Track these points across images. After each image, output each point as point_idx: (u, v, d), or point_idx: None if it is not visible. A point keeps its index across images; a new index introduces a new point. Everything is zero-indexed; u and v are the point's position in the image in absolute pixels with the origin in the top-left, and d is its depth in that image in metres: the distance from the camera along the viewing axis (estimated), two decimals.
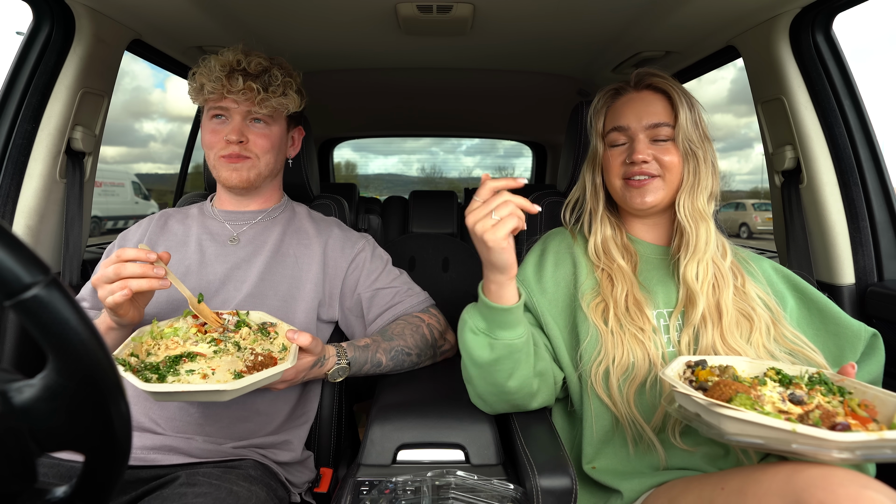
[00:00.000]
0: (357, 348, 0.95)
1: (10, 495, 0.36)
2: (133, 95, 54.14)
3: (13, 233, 0.33)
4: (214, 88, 0.94)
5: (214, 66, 0.95)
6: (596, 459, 0.83)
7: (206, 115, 1.01)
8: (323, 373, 0.91)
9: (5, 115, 1.09)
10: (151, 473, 0.80)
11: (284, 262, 1.01)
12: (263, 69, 0.97)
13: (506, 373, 0.77)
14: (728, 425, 0.57)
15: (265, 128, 1.01)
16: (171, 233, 1.03)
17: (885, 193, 1.16)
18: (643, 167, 0.86)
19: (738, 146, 57.83)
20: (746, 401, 0.59)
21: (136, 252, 0.76)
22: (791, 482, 0.56)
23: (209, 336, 0.81)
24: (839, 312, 0.87)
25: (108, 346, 0.36)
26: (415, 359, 1.02)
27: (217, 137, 0.99)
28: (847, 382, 0.67)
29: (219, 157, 0.99)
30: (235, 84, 0.94)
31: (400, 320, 1.04)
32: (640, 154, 0.85)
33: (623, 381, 0.80)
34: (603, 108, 0.94)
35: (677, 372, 0.71)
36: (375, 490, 0.71)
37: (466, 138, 6.65)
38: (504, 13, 1.25)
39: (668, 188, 0.87)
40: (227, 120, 0.99)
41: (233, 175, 0.99)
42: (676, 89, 0.87)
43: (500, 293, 0.74)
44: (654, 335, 0.83)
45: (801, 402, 0.62)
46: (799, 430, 0.52)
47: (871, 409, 0.61)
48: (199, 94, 0.97)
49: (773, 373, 0.70)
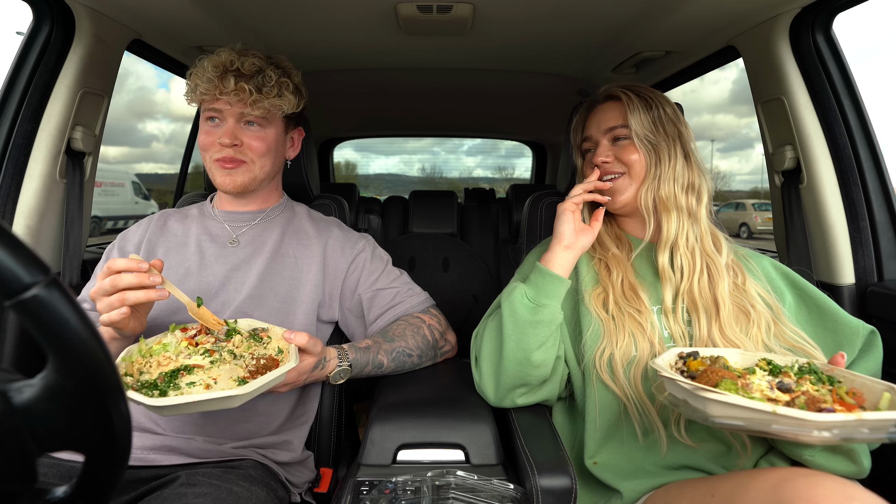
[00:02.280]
0: (358, 350, 0.94)
1: (10, 495, 0.36)
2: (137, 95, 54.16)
3: (13, 233, 0.33)
4: (207, 90, 0.93)
5: (207, 66, 0.93)
6: (598, 454, 0.84)
7: (201, 116, 1.00)
8: (324, 375, 0.90)
9: (5, 115, 1.09)
10: (151, 473, 0.80)
11: (284, 262, 1.01)
12: (258, 69, 0.95)
13: (538, 340, 0.84)
14: (712, 408, 0.59)
15: (260, 130, 0.99)
16: (171, 233, 1.03)
17: (885, 193, 1.16)
18: (605, 167, 0.94)
19: (739, 146, 57.82)
20: (731, 385, 0.62)
21: (126, 262, 0.74)
22: (777, 492, 0.57)
23: (202, 348, 0.79)
24: (837, 309, 0.88)
25: (108, 347, 0.36)
26: (416, 360, 1.02)
27: (211, 139, 0.97)
28: (836, 372, 0.68)
29: (213, 160, 0.98)
30: (227, 85, 0.92)
31: (401, 321, 1.04)
32: (599, 157, 0.94)
33: (628, 366, 0.82)
34: (578, 125, 1.04)
35: (668, 362, 0.74)
36: (375, 490, 0.71)
37: (467, 138, 6.66)
38: (504, 13, 1.25)
39: (635, 183, 0.92)
40: (221, 122, 0.97)
41: (227, 180, 0.98)
42: (630, 94, 0.94)
43: (563, 265, 0.87)
44: (650, 317, 0.85)
45: (789, 390, 0.63)
46: (779, 412, 0.54)
47: (858, 397, 0.62)
48: (194, 95, 0.96)
49: (763, 363, 0.72)
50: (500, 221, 2.13)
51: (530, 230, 1.27)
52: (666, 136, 0.91)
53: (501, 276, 1.93)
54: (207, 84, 0.93)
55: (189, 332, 0.82)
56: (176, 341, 0.80)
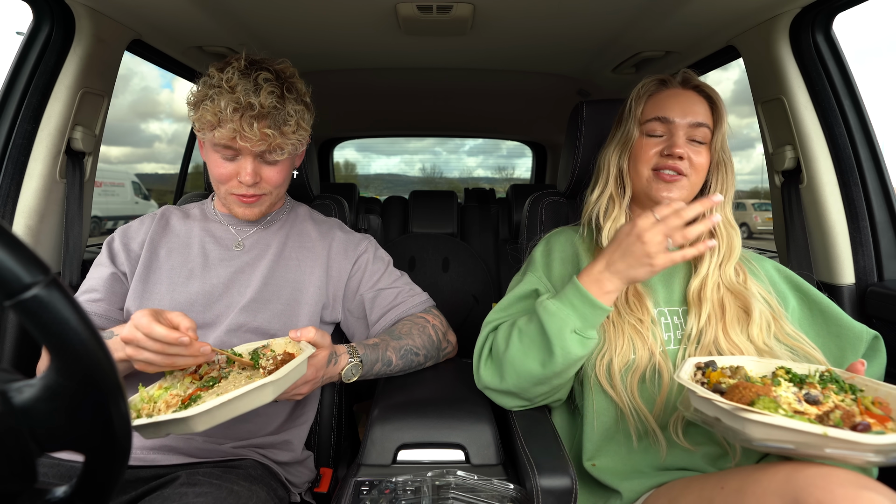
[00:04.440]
0: (367, 347, 0.94)
1: (10, 495, 0.36)
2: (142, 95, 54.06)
3: (13, 233, 0.33)
4: (224, 135, 0.87)
5: (225, 108, 0.85)
6: (596, 457, 0.83)
7: (209, 145, 0.93)
8: (337, 371, 0.89)
9: (5, 115, 1.09)
10: (151, 473, 0.80)
11: (287, 266, 1.01)
12: (274, 106, 0.87)
13: (577, 367, 0.81)
14: (754, 430, 0.56)
15: (277, 163, 0.95)
16: (174, 233, 1.02)
17: (885, 193, 1.16)
18: (677, 163, 0.86)
19: (740, 146, 57.89)
20: (770, 404, 0.58)
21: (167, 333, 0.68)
22: (790, 482, 0.56)
23: (208, 378, 0.74)
24: (841, 314, 0.87)
25: (108, 346, 0.36)
26: (422, 359, 1.02)
27: (226, 173, 0.93)
28: (857, 380, 0.67)
29: (230, 194, 0.95)
30: (249, 130, 0.86)
31: (406, 320, 1.04)
32: (678, 148, 0.85)
33: (626, 373, 0.81)
34: (645, 94, 0.93)
35: (689, 374, 0.70)
36: (375, 490, 0.71)
37: (468, 138, 6.66)
38: (504, 13, 1.25)
39: (691, 189, 0.88)
40: (237, 156, 0.92)
41: (247, 212, 0.97)
42: (721, 99, 0.89)
43: (611, 297, 0.77)
44: (652, 326, 0.83)
45: (817, 402, 0.61)
46: (831, 434, 0.51)
47: (885, 407, 0.60)
48: (206, 127, 0.89)
49: (782, 372, 0.69)
50: (500, 221, 2.13)
51: (530, 230, 1.26)
52: (728, 153, 0.90)
53: (501, 276, 1.93)
54: (226, 130, 0.86)
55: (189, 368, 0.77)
56: (178, 381, 0.76)
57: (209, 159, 0.95)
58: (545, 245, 0.99)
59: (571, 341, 0.76)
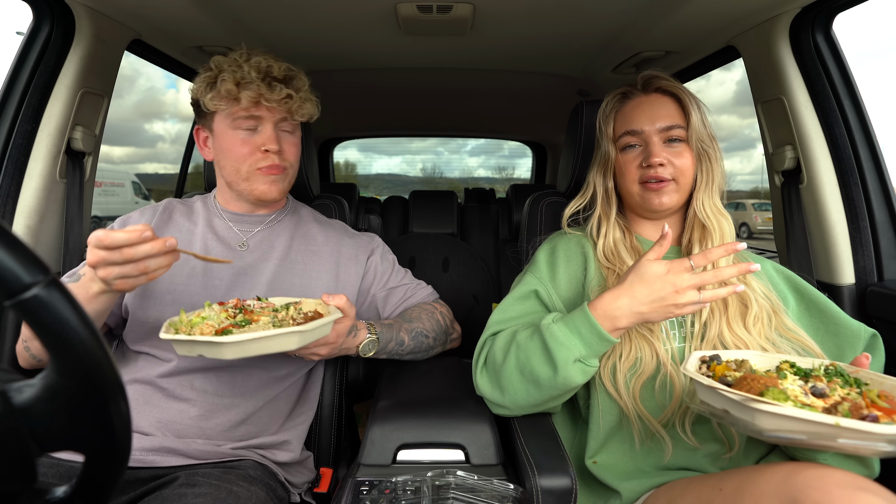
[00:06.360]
0: (384, 325, 0.97)
1: (10, 495, 0.36)
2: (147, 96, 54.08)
3: (13, 233, 0.33)
4: (251, 97, 0.89)
5: (249, 71, 0.88)
6: (599, 454, 0.84)
7: (226, 123, 0.94)
8: (355, 344, 0.91)
9: (5, 115, 1.09)
10: (151, 474, 0.80)
11: (293, 269, 1.00)
12: (287, 76, 0.93)
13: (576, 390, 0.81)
14: (765, 421, 0.54)
15: (292, 136, 0.98)
16: (177, 228, 1.00)
17: (885, 193, 1.16)
18: (658, 170, 0.86)
19: (741, 146, 57.84)
20: (780, 395, 0.57)
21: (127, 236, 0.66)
22: (788, 483, 0.57)
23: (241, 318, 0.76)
24: (839, 313, 0.87)
25: (108, 346, 0.36)
26: (431, 342, 1.04)
27: (250, 148, 0.93)
28: (862, 373, 0.67)
29: (255, 169, 0.95)
30: (275, 92, 0.88)
31: (415, 307, 1.07)
32: (656, 157, 0.86)
33: (630, 377, 0.81)
34: (612, 112, 0.94)
35: (694, 367, 0.70)
36: (375, 490, 0.71)
37: (469, 138, 6.65)
38: (504, 13, 1.25)
39: (681, 191, 0.88)
40: (258, 129, 0.94)
41: (272, 188, 0.96)
42: (685, 92, 0.88)
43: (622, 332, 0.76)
44: (661, 334, 0.83)
45: (824, 395, 0.60)
46: (843, 424, 0.50)
47: (890, 400, 0.60)
48: (225, 100, 0.91)
49: (787, 366, 0.69)
50: (500, 221, 2.13)
51: (530, 230, 1.26)
52: (711, 139, 0.89)
53: (501, 276, 1.93)
54: (251, 91, 0.88)
55: (226, 305, 0.81)
56: (215, 313, 0.79)
57: (227, 144, 0.95)
58: (549, 246, 0.99)
59: (574, 370, 0.75)
